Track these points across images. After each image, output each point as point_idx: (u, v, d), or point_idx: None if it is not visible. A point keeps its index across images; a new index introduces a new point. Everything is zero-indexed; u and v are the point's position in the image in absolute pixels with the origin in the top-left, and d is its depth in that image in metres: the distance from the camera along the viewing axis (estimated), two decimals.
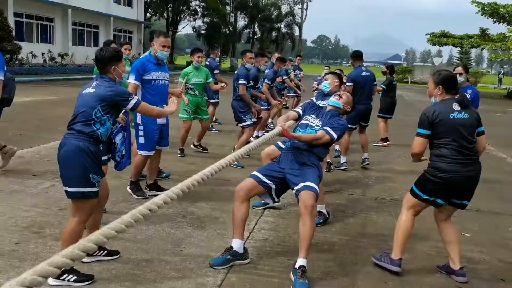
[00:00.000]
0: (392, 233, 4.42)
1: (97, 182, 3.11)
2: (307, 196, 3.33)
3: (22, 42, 23.73)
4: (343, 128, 3.79)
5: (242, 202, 3.51)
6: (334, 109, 3.96)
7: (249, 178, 3.58)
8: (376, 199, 5.61)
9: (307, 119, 3.90)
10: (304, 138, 3.62)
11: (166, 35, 4.96)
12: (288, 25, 51.58)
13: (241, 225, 3.53)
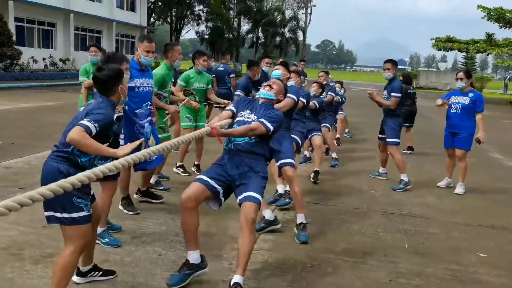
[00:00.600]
0: (402, 253, 4.13)
1: (85, 206, 2.78)
2: (249, 208, 3.15)
3: (23, 47, 23.57)
4: (279, 120, 3.51)
5: (191, 211, 3.22)
6: (267, 101, 3.71)
7: (196, 183, 3.29)
8: (383, 214, 5.28)
9: (242, 115, 3.62)
10: (237, 132, 3.36)
11: (150, 39, 4.68)
12: (292, 29, 51.39)
13: (194, 236, 3.28)
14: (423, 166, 8.08)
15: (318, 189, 6.14)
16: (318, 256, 3.95)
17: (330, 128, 7.97)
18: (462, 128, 6.29)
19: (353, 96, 26.85)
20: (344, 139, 10.56)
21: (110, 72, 2.88)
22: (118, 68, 2.96)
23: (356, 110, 16.81)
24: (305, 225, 4.34)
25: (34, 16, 26.42)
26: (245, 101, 3.77)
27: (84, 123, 2.62)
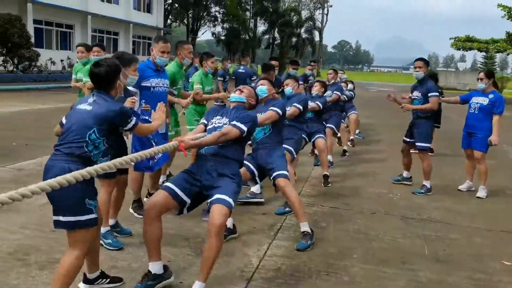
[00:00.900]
0: (422, 261, 3.94)
1: (94, 208, 2.72)
2: (217, 212, 2.95)
3: (41, 49, 23.84)
4: (252, 119, 3.34)
5: (154, 221, 3.04)
6: (238, 104, 3.57)
7: (162, 191, 3.11)
8: (402, 219, 5.08)
9: (212, 123, 3.47)
10: (208, 140, 3.15)
11: (165, 40, 4.63)
12: (308, 30, 51.03)
13: (156, 246, 3.10)
14: (443, 168, 7.82)
15: (333, 192, 5.97)
16: (333, 263, 3.78)
17: (335, 129, 7.72)
18: (479, 128, 6.06)
19: (369, 97, 26.53)
20: (358, 140, 10.34)
21: (108, 67, 2.84)
22: (115, 63, 2.91)
23: (370, 111, 16.56)
24: (308, 233, 4.11)
25: (53, 18, 26.74)
26: (214, 110, 3.64)
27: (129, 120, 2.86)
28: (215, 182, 3.12)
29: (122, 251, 3.69)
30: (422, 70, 6.00)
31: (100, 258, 3.49)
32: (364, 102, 22.11)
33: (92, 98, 2.84)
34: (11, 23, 19.93)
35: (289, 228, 4.54)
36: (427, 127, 6.10)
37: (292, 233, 4.40)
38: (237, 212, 4.83)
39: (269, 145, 4.39)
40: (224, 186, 3.08)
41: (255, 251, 3.92)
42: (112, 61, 2.93)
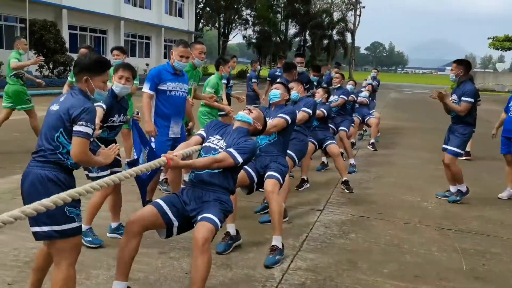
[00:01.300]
0: (459, 277, 3.63)
1: (76, 216, 2.52)
2: (202, 228, 2.75)
3: (76, 54, 24.33)
4: (250, 151, 3.09)
5: (134, 238, 2.82)
6: (243, 126, 3.31)
7: (150, 207, 2.91)
8: (437, 229, 4.76)
9: (210, 141, 3.23)
10: (199, 164, 2.93)
11: (186, 44, 4.59)
12: (340, 32, 50.41)
13: (127, 265, 2.86)
14: (481, 174, 7.40)
15: (364, 200, 5.68)
16: (362, 279, 3.52)
17: (348, 131, 7.42)
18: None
19: (401, 98, 25.90)
20: (389, 145, 9.97)
21: (85, 59, 2.65)
22: (95, 59, 2.65)
23: (406, 113, 16.06)
24: (277, 248, 3.73)
25: (87, 24, 27.32)
26: (216, 124, 3.39)
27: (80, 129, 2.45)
28: (201, 208, 2.95)
29: (140, 262, 3.54)
30: (453, 72, 5.55)
31: (115, 268, 3.36)
32: (396, 104, 21.59)
33: (63, 96, 2.64)
34: (46, 29, 20.47)
35: (315, 238, 4.30)
36: (463, 132, 5.57)
37: (319, 244, 4.16)
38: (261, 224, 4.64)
39: (272, 153, 4.10)
40: (209, 207, 2.92)
41: (278, 263, 3.70)
42: (95, 56, 2.68)
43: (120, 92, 3.72)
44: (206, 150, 3.17)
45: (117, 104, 3.76)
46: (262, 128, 3.48)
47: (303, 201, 5.49)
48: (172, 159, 2.77)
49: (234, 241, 3.92)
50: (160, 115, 4.57)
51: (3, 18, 22.21)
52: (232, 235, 3.90)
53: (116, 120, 3.75)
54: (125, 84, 3.71)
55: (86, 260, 3.51)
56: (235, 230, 3.95)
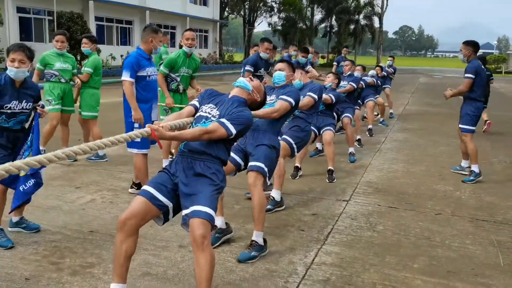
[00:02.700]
0: (496, 272, 3.40)
1: None
2: (196, 226, 2.50)
3: (102, 45, 24.54)
4: (245, 122, 2.80)
5: (129, 236, 2.59)
6: (240, 94, 3.02)
7: (140, 198, 2.64)
8: (471, 221, 4.50)
9: (203, 110, 2.96)
10: (187, 135, 2.64)
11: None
12: (368, 16, 49.19)
13: (124, 265, 2.63)
14: None
15: (391, 190, 5.44)
16: (391, 274, 3.33)
17: (352, 118, 7.18)
18: None
19: (432, 83, 25.11)
20: (418, 132, 9.62)
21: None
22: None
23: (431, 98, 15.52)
24: (256, 244, 3.48)
25: (113, 15, 27.48)
26: (212, 93, 3.09)
27: None
28: (191, 187, 2.66)
29: (158, 256, 3.45)
30: (462, 53, 5.94)
31: (133, 262, 3.29)
32: (426, 89, 20.94)
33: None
34: (73, 21, 20.68)
35: (341, 231, 4.11)
36: (470, 109, 5.87)
37: (345, 237, 3.98)
38: (283, 213, 4.49)
39: (261, 128, 3.72)
40: (201, 193, 2.61)
41: (302, 257, 3.54)
42: None
43: (16, 76, 3.42)
44: (197, 120, 2.91)
45: (15, 90, 3.46)
46: (260, 102, 3.16)
47: (328, 191, 5.31)
48: (157, 129, 2.52)
49: (224, 234, 3.69)
50: (143, 101, 4.70)
51: (32, 11, 22.55)
52: (220, 228, 3.67)
53: (13, 106, 3.45)
54: (19, 68, 3.40)
55: (104, 254, 3.45)
56: (225, 223, 3.72)
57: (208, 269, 2.50)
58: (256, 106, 3.17)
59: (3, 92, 3.39)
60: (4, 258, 3.30)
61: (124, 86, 4.60)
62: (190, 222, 2.53)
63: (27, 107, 3.53)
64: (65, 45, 5.99)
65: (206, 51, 36.05)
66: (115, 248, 2.63)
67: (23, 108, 3.51)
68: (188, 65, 5.67)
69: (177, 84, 5.65)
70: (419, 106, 14.46)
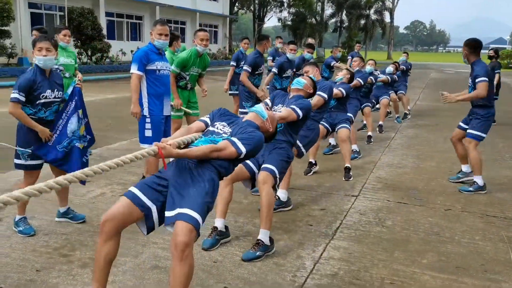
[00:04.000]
0: (506, 269, 3.37)
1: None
2: (180, 230, 2.33)
3: (113, 40, 24.71)
4: (256, 143, 2.73)
5: (110, 238, 2.47)
6: (254, 120, 2.94)
7: (122, 198, 2.53)
8: (481, 217, 4.46)
9: (215, 126, 2.90)
10: (196, 153, 2.54)
11: (163, 23, 4.75)
12: (378, 11, 48.86)
13: (103, 270, 2.51)
14: None
15: (401, 185, 5.41)
16: (399, 269, 3.32)
17: (353, 117, 6.97)
18: None
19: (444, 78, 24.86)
20: (429, 127, 9.55)
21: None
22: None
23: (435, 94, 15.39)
24: (262, 243, 3.42)
25: (123, 11, 27.61)
26: (225, 113, 3.03)
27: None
28: (183, 189, 2.52)
29: (167, 249, 3.47)
30: (463, 55, 5.23)
31: (142, 256, 3.33)
32: (436, 84, 20.74)
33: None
34: (84, 16, 20.82)
35: (350, 226, 4.11)
36: (483, 115, 5.23)
37: (353, 232, 3.97)
38: (292, 207, 4.49)
39: (276, 142, 3.67)
40: (190, 195, 2.47)
41: (310, 252, 3.54)
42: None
43: (45, 64, 3.52)
44: (206, 133, 2.84)
45: (47, 80, 3.57)
46: (272, 133, 3.07)
47: (337, 186, 5.30)
48: (164, 147, 2.43)
49: (223, 237, 3.61)
50: (153, 95, 4.70)
51: (43, 6, 22.73)
52: (220, 230, 3.59)
53: (48, 95, 3.56)
54: (47, 56, 3.50)
55: None
56: (224, 226, 3.64)
57: (183, 280, 2.33)
58: (267, 136, 3.05)
59: (37, 82, 3.51)
60: (16, 250, 3.35)
61: (131, 79, 4.64)
62: (175, 225, 2.37)
63: (59, 96, 3.67)
64: (70, 39, 6.06)
65: (216, 46, 36.07)
66: (96, 251, 2.52)
67: (55, 97, 3.64)
68: (199, 64, 5.67)
69: (186, 82, 5.65)
70: (430, 102, 14.34)
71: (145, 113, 4.68)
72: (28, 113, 3.50)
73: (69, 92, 3.74)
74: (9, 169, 5.37)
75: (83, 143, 3.78)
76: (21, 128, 3.58)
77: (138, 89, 4.64)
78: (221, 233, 3.60)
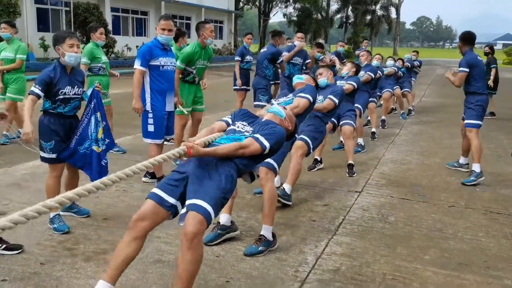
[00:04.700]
0: (509, 265, 3.37)
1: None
2: (191, 220, 2.40)
3: (118, 36, 24.71)
4: (278, 137, 2.79)
5: (136, 240, 2.55)
6: (273, 119, 2.98)
7: (148, 201, 2.60)
8: (485, 213, 4.45)
9: (236, 126, 2.96)
10: (222, 150, 2.62)
11: (167, 18, 4.74)
12: (384, 6, 48.63)
13: (120, 268, 2.55)
14: None
15: (404, 181, 5.41)
16: (401, 265, 3.33)
17: (362, 109, 7.02)
18: None
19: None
20: (429, 123, 9.51)
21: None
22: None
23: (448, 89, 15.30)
24: (265, 239, 3.42)
25: (129, 6, 27.59)
26: (245, 113, 3.09)
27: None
28: (200, 181, 2.58)
29: (170, 243, 3.50)
30: (458, 47, 5.66)
31: (146, 250, 3.35)
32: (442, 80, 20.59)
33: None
34: (89, 12, 20.86)
35: (352, 222, 4.11)
36: (472, 103, 5.47)
37: (356, 228, 3.98)
38: (295, 203, 4.50)
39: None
40: (206, 190, 2.52)
41: (312, 247, 3.55)
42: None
43: (76, 61, 3.56)
44: (227, 132, 2.94)
45: (67, 76, 3.60)
46: (291, 132, 3.12)
47: (340, 182, 5.30)
48: (192, 147, 2.51)
49: (226, 232, 3.58)
50: (156, 91, 4.70)
51: (49, 2, 22.76)
52: (224, 224, 3.57)
53: (68, 92, 3.58)
54: (78, 53, 3.55)
55: (117, 240, 3.46)
56: (230, 221, 3.61)
57: (189, 268, 2.41)
58: (287, 135, 3.05)
59: (56, 79, 3.54)
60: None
61: (134, 74, 4.67)
62: (188, 215, 2.44)
63: (78, 92, 3.70)
64: (8, 31, 6.16)
65: (221, 42, 36.02)
66: (118, 248, 2.57)
67: (75, 94, 3.67)
68: (204, 57, 5.63)
69: (193, 76, 5.60)
70: (435, 98, 14.29)
71: (147, 108, 4.70)
72: (47, 108, 3.57)
73: (88, 94, 3.74)
74: (16, 163, 5.42)
75: (102, 147, 3.77)
76: (42, 122, 3.61)
77: (141, 85, 4.64)
78: (224, 228, 3.60)
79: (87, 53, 5.92)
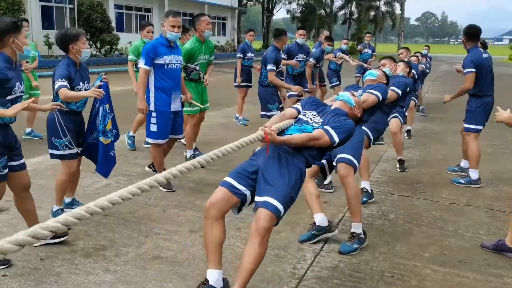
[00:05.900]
0: (510, 263, 3.35)
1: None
2: (263, 216, 2.52)
3: (122, 33, 24.74)
4: (348, 131, 2.82)
5: (213, 222, 2.66)
6: (342, 107, 3.04)
7: (221, 188, 2.70)
8: (486, 211, 4.44)
9: (306, 115, 2.99)
10: (296, 140, 2.70)
11: (175, 14, 4.61)
12: (388, 2, 48.40)
13: (216, 251, 2.70)
14: None
15: (405, 178, 5.39)
16: (400, 263, 3.32)
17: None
18: None
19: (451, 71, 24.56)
20: (438, 120, 9.47)
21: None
22: (9, 21, 2.92)
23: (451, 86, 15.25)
24: (357, 235, 3.48)
25: (132, 3, 27.62)
26: (315, 101, 3.14)
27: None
28: (271, 177, 2.64)
29: (170, 240, 3.51)
30: (462, 42, 5.35)
31: (144, 246, 3.36)
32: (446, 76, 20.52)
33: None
34: (93, 9, 20.89)
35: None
36: (473, 106, 5.21)
37: None
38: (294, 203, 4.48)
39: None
40: (277, 187, 2.59)
41: (311, 244, 3.55)
42: (8, 19, 2.95)
43: (88, 58, 3.66)
44: (299, 122, 2.94)
45: (78, 72, 3.62)
46: (360, 118, 3.19)
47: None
48: (271, 134, 2.58)
49: (321, 233, 3.57)
50: (161, 89, 4.63)
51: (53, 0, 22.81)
52: (319, 225, 3.55)
53: (81, 88, 3.61)
54: (89, 49, 3.69)
55: (116, 237, 3.52)
56: (327, 221, 3.58)
57: (259, 259, 2.54)
58: (355, 121, 3.11)
59: (74, 75, 3.58)
60: None
61: (138, 73, 4.64)
62: (258, 211, 2.55)
63: (88, 88, 3.72)
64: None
65: (225, 38, 35.98)
66: (205, 235, 2.71)
67: (86, 89, 3.68)
68: (205, 51, 5.50)
69: (198, 73, 5.47)
70: (440, 94, 14.19)
71: (151, 108, 4.62)
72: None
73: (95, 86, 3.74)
74: None
75: (110, 138, 3.80)
76: (53, 121, 3.60)
77: (145, 84, 4.56)
78: (320, 229, 3.56)
79: (134, 50, 6.11)
